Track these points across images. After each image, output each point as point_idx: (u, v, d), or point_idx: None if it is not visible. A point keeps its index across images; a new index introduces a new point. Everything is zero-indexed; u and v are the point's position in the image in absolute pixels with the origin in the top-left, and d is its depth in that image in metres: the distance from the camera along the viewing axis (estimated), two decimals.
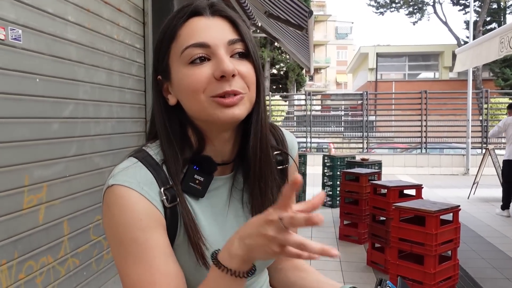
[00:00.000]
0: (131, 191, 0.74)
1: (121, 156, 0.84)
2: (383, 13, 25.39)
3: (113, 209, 0.74)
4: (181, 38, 0.77)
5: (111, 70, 3.10)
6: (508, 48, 5.60)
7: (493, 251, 4.97)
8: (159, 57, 0.81)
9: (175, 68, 0.78)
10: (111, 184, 0.75)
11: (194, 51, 0.75)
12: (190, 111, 0.80)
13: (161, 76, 0.82)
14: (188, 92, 0.77)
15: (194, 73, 0.75)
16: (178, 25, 0.78)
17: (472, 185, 8.37)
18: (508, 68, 20.87)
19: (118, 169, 0.78)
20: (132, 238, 0.72)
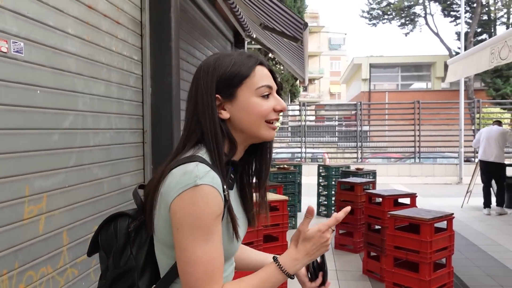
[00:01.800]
0: (213, 189, 0.98)
1: (120, 167, 0.92)
2: (376, 25, 25.67)
3: (200, 202, 0.97)
4: (255, 78, 1.11)
5: (109, 81, 3.14)
6: (498, 58, 5.72)
7: (487, 259, 5.02)
8: (228, 83, 1.10)
9: (245, 96, 1.10)
10: (199, 184, 0.97)
11: (265, 90, 1.11)
12: (246, 126, 1.11)
13: (221, 96, 1.10)
14: (256, 114, 1.10)
15: (264, 104, 1.11)
16: (252, 68, 1.11)
17: (466, 194, 8.45)
18: (499, 78, 21.12)
19: (201, 172, 0.99)
20: (208, 225, 0.97)
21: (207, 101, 1.08)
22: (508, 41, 5.48)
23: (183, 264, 0.98)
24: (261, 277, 1.05)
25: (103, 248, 1.14)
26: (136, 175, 3.60)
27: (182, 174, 0.99)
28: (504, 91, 20.51)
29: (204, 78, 1.11)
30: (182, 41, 4.70)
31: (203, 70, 1.13)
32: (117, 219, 1.15)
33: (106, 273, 1.11)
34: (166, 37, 3.78)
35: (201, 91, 1.09)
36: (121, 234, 1.11)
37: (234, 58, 1.11)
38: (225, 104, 1.10)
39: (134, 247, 1.09)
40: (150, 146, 3.77)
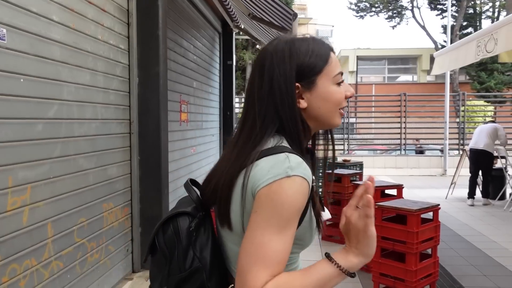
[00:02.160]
0: (305, 181, 0.95)
1: (106, 158, 0.88)
2: (363, 17, 25.69)
3: (288, 191, 0.93)
4: (332, 65, 1.08)
5: (95, 70, 3.09)
6: (484, 51, 5.76)
7: (471, 249, 5.10)
8: (308, 71, 1.06)
9: (324, 84, 1.07)
10: (292, 174, 0.94)
11: (340, 77, 1.10)
12: (323, 114, 1.09)
13: (301, 85, 1.06)
14: (335, 102, 1.09)
15: (341, 91, 1.10)
16: (328, 54, 1.09)
17: (450, 186, 8.55)
18: (483, 71, 21.35)
19: (293, 162, 0.96)
20: (287, 216, 0.93)
21: (286, 90, 1.04)
22: (494, 34, 5.52)
23: (248, 242, 0.94)
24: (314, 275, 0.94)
25: (162, 252, 1.05)
26: (122, 166, 3.56)
27: (272, 165, 0.96)
28: (488, 85, 20.75)
29: (280, 66, 1.05)
30: (170, 30, 4.63)
31: (276, 56, 1.06)
32: (175, 219, 1.06)
33: (168, 278, 1.03)
34: (154, 26, 3.72)
35: (278, 79, 1.04)
36: (184, 235, 1.03)
37: (310, 44, 1.08)
38: (304, 93, 1.07)
39: (197, 247, 1.03)
40: (136, 137, 3.72)
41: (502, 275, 4.22)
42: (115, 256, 3.46)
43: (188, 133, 5.53)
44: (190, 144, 5.66)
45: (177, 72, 4.98)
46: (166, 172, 3.94)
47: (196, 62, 5.89)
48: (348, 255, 0.96)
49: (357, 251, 0.95)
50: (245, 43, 20.41)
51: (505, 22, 5.30)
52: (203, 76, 6.37)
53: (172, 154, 4.77)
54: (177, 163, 5.05)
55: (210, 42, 6.88)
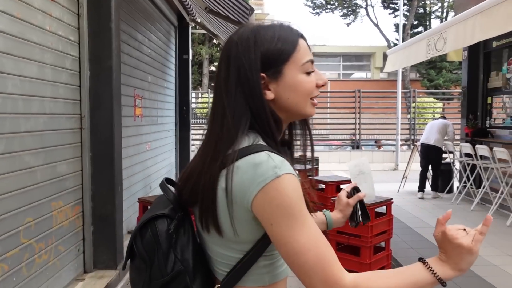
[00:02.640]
0: (293, 176, 0.92)
1: (55, 154, 0.81)
2: (319, 14, 26.06)
3: (287, 191, 0.90)
4: (300, 52, 1.02)
5: (43, 63, 2.94)
6: (434, 50, 5.97)
7: (421, 241, 5.29)
8: (274, 60, 1.00)
9: (292, 73, 1.01)
10: (280, 174, 0.90)
11: (309, 65, 1.04)
12: (292, 105, 1.03)
13: (266, 75, 1.00)
14: (303, 92, 1.03)
15: (311, 80, 1.04)
16: (296, 41, 1.03)
17: (402, 180, 8.84)
18: (433, 69, 22.23)
19: (277, 161, 0.92)
20: (300, 209, 0.92)
21: (252, 81, 0.98)
22: (444, 34, 5.73)
23: (292, 257, 0.92)
24: (408, 277, 0.94)
25: (141, 257, 1.00)
26: (73, 162, 3.42)
27: (254, 167, 0.91)
28: (437, 82, 21.62)
29: (245, 55, 0.99)
30: (123, 22, 4.49)
31: (241, 45, 1.00)
32: (153, 222, 1.01)
33: (150, 283, 0.99)
34: (106, 17, 3.59)
35: (245, 70, 0.98)
36: (163, 239, 0.98)
37: (277, 31, 1.02)
38: (270, 83, 1.01)
39: (177, 249, 0.98)
40: (88, 133, 3.58)
41: None
42: (65, 256, 3.33)
43: (142, 128, 5.40)
44: (145, 140, 5.53)
45: (131, 66, 4.84)
46: (119, 168, 3.82)
47: (151, 56, 5.76)
48: (445, 266, 0.95)
49: (456, 266, 0.95)
50: (202, 37, 20.21)
51: (454, 22, 5.51)
52: (158, 71, 6.24)
53: (126, 150, 4.64)
54: (131, 159, 4.92)
55: (166, 36, 6.75)
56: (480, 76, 7.96)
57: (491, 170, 6.84)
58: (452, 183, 8.33)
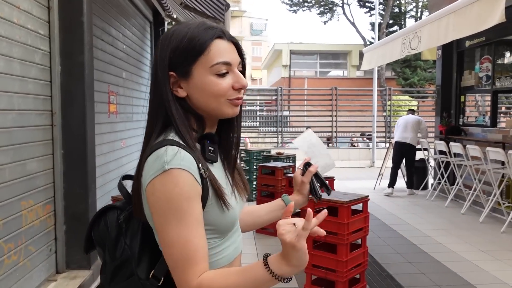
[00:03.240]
0: (183, 171, 0.96)
1: (24, 152, 0.77)
2: (296, 11, 26.11)
3: (168, 186, 0.95)
4: (211, 54, 1.03)
5: (10, 57, 2.83)
6: (409, 48, 6.04)
7: (397, 237, 5.35)
8: (181, 60, 1.03)
9: (200, 74, 1.03)
10: (167, 168, 0.95)
11: (221, 67, 1.04)
12: (203, 105, 1.06)
13: (176, 73, 1.04)
14: (211, 94, 1.04)
15: (221, 83, 1.04)
16: (207, 42, 1.03)
17: (378, 177, 8.94)
18: (408, 68, 22.57)
19: (169, 156, 0.96)
20: (179, 207, 0.95)
21: (162, 78, 1.04)
22: (418, 32, 5.80)
23: (162, 246, 0.99)
24: (248, 276, 0.95)
25: (97, 243, 1.13)
26: (43, 160, 3.31)
27: (153, 161, 0.98)
28: (412, 81, 21.97)
29: (160, 52, 1.05)
30: (96, 17, 4.38)
31: (161, 42, 1.06)
32: (106, 213, 1.14)
33: (105, 267, 1.10)
34: (78, 11, 3.49)
35: (157, 67, 1.05)
36: (112, 227, 1.11)
37: (190, 30, 1.04)
38: (181, 82, 1.05)
39: (127, 238, 1.08)
40: (60, 129, 3.48)
41: (425, 262, 4.47)
42: (36, 256, 3.22)
43: (117, 125, 5.29)
44: (120, 137, 5.42)
45: (105, 62, 4.73)
46: (93, 166, 3.73)
47: (125, 51, 5.64)
48: (282, 262, 0.93)
49: (289, 262, 0.92)
50: None
51: (428, 21, 5.59)
52: (133, 67, 6.12)
53: (100, 148, 4.53)
54: (105, 156, 4.81)
55: (141, 32, 6.63)
56: (453, 74, 8.11)
57: (464, 167, 6.98)
58: (427, 180, 8.47)
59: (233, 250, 1.12)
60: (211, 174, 1.03)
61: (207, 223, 1.02)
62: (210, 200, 1.02)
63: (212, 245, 1.06)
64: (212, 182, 1.03)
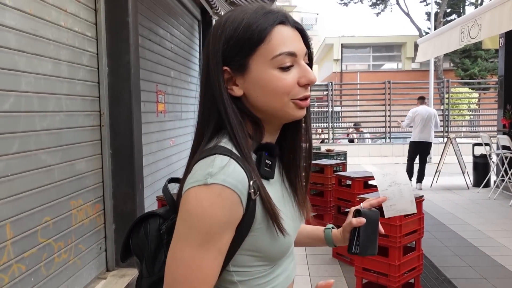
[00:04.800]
0: (226, 189, 0.80)
1: (73, 152, 0.72)
2: (347, 4, 25.51)
3: (204, 202, 0.80)
4: (272, 43, 0.86)
5: (58, 59, 2.88)
6: (468, 37, 5.66)
7: (456, 239, 5.04)
8: (237, 51, 0.87)
9: (259, 68, 0.86)
10: (209, 183, 0.80)
11: (285, 59, 0.86)
12: (264, 106, 0.89)
13: (230, 68, 0.88)
14: (273, 92, 0.87)
15: (285, 78, 0.87)
16: (268, 29, 0.86)
17: (435, 174, 8.51)
18: (467, 58, 21.43)
19: (215, 167, 0.81)
20: (207, 230, 0.81)
21: (214, 74, 0.88)
22: (478, 20, 5.42)
23: (170, 257, 0.85)
24: None
25: (135, 252, 0.99)
26: (92, 160, 3.38)
27: (198, 169, 0.84)
28: (472, 71, 20.84)
29: (212, 44, 0.89)
30: (143, 17, 4.43)
31: (213, 33, 0.90)
32: (147, 220, 0.99)
33: (141, 280, 0.98)
34: (123, 12, 3.52)
35: (210, 62, 0.89)
36: (153, 237, 0.97)
37: (246, 16, 0.87)
38: (237, 78, 0.89)
39: None
40: (108, 130, 3.54)
41: (487, 265, 4.16)
42: (86, 255, 3.29)
43: (166, 124, 5.34)
44: (168, 135, 5.47)
45: (152, 61, 4.77)
46: (140, 165, 3.77)
47: (173, 50, 5.69)
48: None
49: None
50: None
51: (489, 7, 5.20)
52: (182, 66, 6.17)
53: (149, 147, 4.59)
54: (154, 155, 4.87)
55: (189, 30, 6.67)
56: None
57: None
58: (489, 177, 7.96)
59: (284, 279, 0.97)
60: (265, 194, 0.87)
61: (253, 249, 0.88)
62: (259, 224, 0.87)
63: (259, 274, 0.92)
64: (266, 204, 0.86)
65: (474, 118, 15.54)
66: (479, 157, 7.94)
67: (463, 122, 15.77)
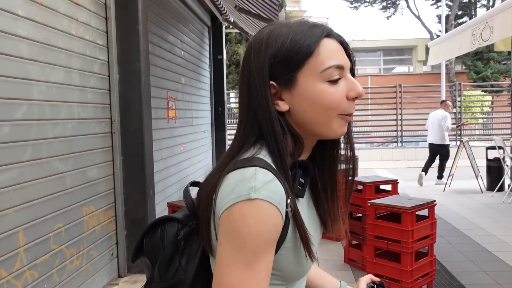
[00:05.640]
0: (271, 207, 0.78)
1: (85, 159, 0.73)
2: (357, 8, 25.50)
3: (249, 220, 0.77)
4: (320, 57, 0.85)
5: (69, 68, 2.92)
6: (480, 40, 5.61)
7: (470, 243, 4.97)
8: (285, 65, 0.86)
9: (308, 81, 0.85)
10: (253, 198, 0.78)
11: (334, 72, 0.86)
12: (310, 121, 0.88)
13: (277, 83, 0.87)
14: (322, 105, 0.86)
15: (334, 91, 0.86)
16: (316, 42, 0.86)
17: (448, 178, 8.42)
18: (479, 61, 21.21)
19: (259, 182, 0.79)
20: (254, 248, 0.78)
21: (260, 89, 0.86)
22: (490, 22, 5.37)
23: (216, 284, 0.81)
24: None
25: (148, 255, 0.97)
26: (104, 167, 3.41)
27: (237, 181, 0.81)
28: (485, 74, 20.62)
29: (255, 59, 0.88)
30: (153, 25, 4.47)
31: (254, 48, 0.89)
32: (165, 224, 0.97)
33: (150, 285, 0.95)
34: (133, 20, 3.56)
35: (253, 76, 0.87)
36: (169, 242, 0.94)
37: (292, 31, 0.87)
38: (283, 92, 0.88)
39: (183, 258, 0.93)
40: (119, 136, 3.57)
41: (502, 271, 4.09)
42: (98, 261, 3.32)
43: (177, 130, 5.37)
44: (179, 141, 5.50)
45: (163, 68, 4.81)
46: (151, 172, 3.79)
47: (184, 57, 5.72)
48: None
49: None
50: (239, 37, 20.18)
51: (501, 9, 5.15)
52: (192, 72, 6.20)
53: (160, 153, 4.62)
54: (165, 161, 4.90)
55: (199, 37, 6.71)
56: None
57: None
58: (503, 181, 7.85)
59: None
60: (298, 214, 0.85)
61: (275, 267, 0.86)
62: (288, 243, 0.85)
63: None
64: (299, 226, 0.85)
65: (487, 121, 15.36)
66: (492, 160, 7.84)
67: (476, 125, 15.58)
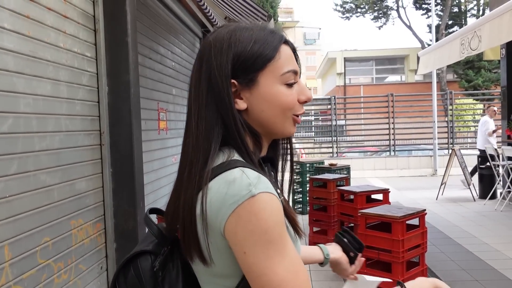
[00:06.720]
0: (272, 196, 0.81)
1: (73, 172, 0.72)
2: (349, 18, 25.70)
3: (262, 214, 0.79)
4: (281, 61, 0.91)
5: (57, 80, 2.91)
6: (469, 49, 5.66)
7: (462, 252, 4.97)
8: (248, 66, 0.89)
9: (268, 83, 0.90)
10: (256, 193, 0.79)
11: (291, 76, 0.92)
12: (267, 120, 0.92)
13: (238, 82, 0.90)
14: (279, 106, 0.91)
15: (290, 94, 0.92)
16: (277, 47, 0.91)
17: (440, 186, 8.45)
18: (470, 69, 21.41)
19: (252, 178, 0.81)
20: (280, 234, 0.81)
21: (222, 86, 0.88)
22: (478, 31, 5.43)
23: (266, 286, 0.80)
24: None
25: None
26: (93, 179, 3.38)
27: (228, 185, 0.80)
28: (476, 82, 20.80)
29: (217, 57, 0.89)
30: (144, 36, 4.47)
31: (215, 46, 0.90)
32: (136, 260, 0.93)
33: None
34: (122, 31, 3.55)
35: (214, 74, 0.89)
36: (147, 277, 0.90)
37: (254, 34, 0.91)
38: (242, 91, 0.91)
39: (166, 287, 0.89)
40: (108, 149, 3.54)
41: (494, 279, 4.09)
42: (87, 275, 3.27)
43: (168, 141, 5.36)
44: (170, 153, 5.48)
45: (154, 80, 4.81)
46: (141, 183, 3.76)
47: (175, 68, 5.73)
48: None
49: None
50: None
51: (488, 19, 5.21)
52: (183, 83, 6.20)
53: (151, 164, 4.59)
54: (156, 173, 4.87)
55: (190, 48, 6.72)
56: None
57: None
58: (495, 189, 7.88)
59: None
60: (284, 199, 0.90)
61: None
62: None
63: None
64: (286, 209, 0.88)
65: None
66: (484, 168, 7.88)
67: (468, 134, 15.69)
